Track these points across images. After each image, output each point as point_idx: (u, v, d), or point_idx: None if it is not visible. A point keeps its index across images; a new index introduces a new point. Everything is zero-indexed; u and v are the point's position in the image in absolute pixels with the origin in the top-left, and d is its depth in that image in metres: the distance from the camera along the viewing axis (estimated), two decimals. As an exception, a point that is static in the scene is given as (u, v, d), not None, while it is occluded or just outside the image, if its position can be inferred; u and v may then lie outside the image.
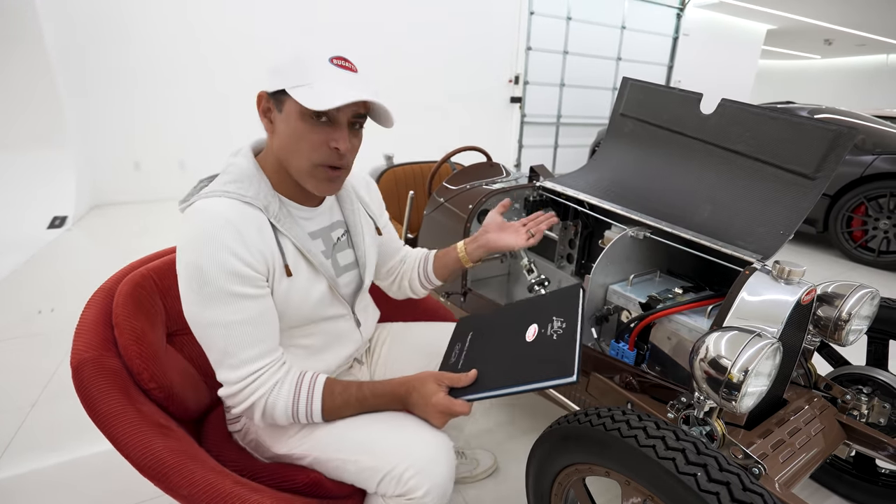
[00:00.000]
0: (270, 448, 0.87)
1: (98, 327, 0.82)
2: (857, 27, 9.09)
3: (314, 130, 0.73)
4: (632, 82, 1.52)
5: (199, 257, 0.68)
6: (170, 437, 0.73)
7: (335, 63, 0.72)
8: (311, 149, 0.74)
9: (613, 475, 0.79)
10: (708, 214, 1.21)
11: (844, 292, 1.04)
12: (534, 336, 0.84)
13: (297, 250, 0.80)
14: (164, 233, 3.77)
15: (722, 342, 0.82)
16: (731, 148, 1.23)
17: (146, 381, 0.80)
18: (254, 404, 0.75)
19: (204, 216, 0.71)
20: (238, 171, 0.77)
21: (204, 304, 0.70)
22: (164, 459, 0.68)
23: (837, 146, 1.04)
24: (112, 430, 0.70)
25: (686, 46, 7.70)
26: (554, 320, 0.84)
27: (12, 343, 2.05)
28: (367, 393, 0.80)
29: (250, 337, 0.73)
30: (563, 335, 0.79)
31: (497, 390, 0.77)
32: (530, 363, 0.79)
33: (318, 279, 0.84)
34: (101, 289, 0.90)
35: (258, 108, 0.77)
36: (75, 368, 0.74)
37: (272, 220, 0.76)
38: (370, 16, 5.28)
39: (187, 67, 4.59)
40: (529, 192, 1.69)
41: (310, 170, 0.76)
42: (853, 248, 3.60)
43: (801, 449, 0.97)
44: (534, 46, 6.36)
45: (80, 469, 1.38)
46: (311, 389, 0.78)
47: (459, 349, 0.93)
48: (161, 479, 0.67)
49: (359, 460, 0.78)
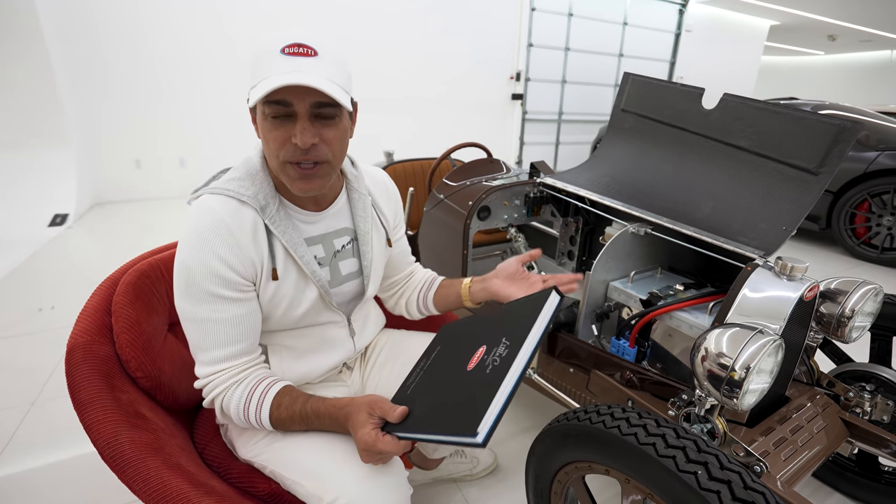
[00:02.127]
0: (238, 450, 0.87)
1: (97, 314, 0.83)
2: (861, 23, 9.02)
3: (275, 127, 0.70)
4: (633, 77, 1.50)
5: (188, 257, 0.71)
6: (140, 428, 0.74)
7: (287, 52, 0.67)
8: (277, 147, 0.70)
9: (613, 473, 0.79)
10: (709, 210, 1.20)
11: (847, 289, 1.03)
12: (476, 363, 0.69)
13: (289, 255, 0.79)
14: (166, 230, 3.78)
15: (723, 339, 0.81)
16: (732, 143, 1.22)
17: (133, 369, 0.82)
18: (213, 399, 0.77)
19: (200, 216, 0.72)
20: (245, 168, 0.78)
21: (188, 300, 0.73)
22: (123, 453, 0.69)
23: (841, 141, 1.02)
24: (85, 416, 0.71)
25: (688, 43, 7.66)
26: (502, 342, 0.68)
27: (13, 340, 2.06)
28: (310, 411, 0.76)
29: (224, 337, 0.74)
30: (497, 367, 0.64)
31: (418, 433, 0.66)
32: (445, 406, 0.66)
33: (308, 286, 0.82)
34: (108, 278, 0.92)
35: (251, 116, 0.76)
36: (68, 352, 0.77)
37: (267, 222, 0.76)
38: (371, 13, 5.26)
39: (189, 65, 4.59)
40: (530, 188, 1.68)
41: (281, 168, 0.73)
42: (856, 244, 3.58)
43: (803, 447, 0.96)
44: (535, 43, 6.33)
45: (80, 466, 1.38)
46: (262, 397, 0.76)
47: (422, 366, 0.82)
48: (119, 471, 0.68)
49: (305, 484, 0.76)
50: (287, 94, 0.67)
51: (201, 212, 0.73)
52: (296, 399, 0.77)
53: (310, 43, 0.68)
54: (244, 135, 4.99)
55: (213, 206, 0.72)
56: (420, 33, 5.64)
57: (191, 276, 0.71)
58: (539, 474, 0.95)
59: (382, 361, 1.04)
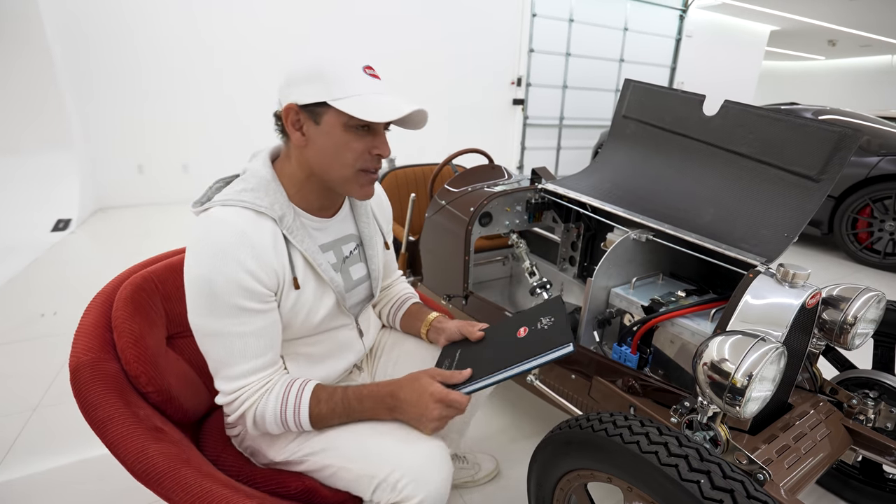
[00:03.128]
0: (266, 454, 0.86)
1: (97, 330, 0.82)
2: (860, 28, 9.04)
3: (358, 139, 0.75)
4: (634, 84, 1.51)
5: (210, 271, 0.69)
6: (164, 441, 0.73)
7: (368, 73, 0.74)
8: (356, 157, 0.76)
9: (616, 481, 0.78)
10: (711, 217, 1.20)
11: (850, 295, 1.03)
12: (525, 333, 0.88)
13: (307, 263, 0.80)
14: (168, 236, 3.79)
15: (725, 346, 0.81)
16: (734, 150, 1.22)
17: (143, 384, 0.80)
18: (244, 413, 0.76)
19: (219, 228, 0.71)
20: (255, 179, 0.77)
21: (210, 316, 0.71)
22: (157, 464, 0.68)
23: (842, 148, 1.03)
24: (107, 434, 0.70)
25: (689, 48, 7.69)
26: (541, 319, 0.89)
27: (15, 346, 2.06)
28: (352, 397, 0.78)
29: (251, 350, 0.74)
30: (553, 325, 0.85)
31: (495, 375, 0.78)
32: (527, 346, 0.82)
33: (326, 292, 0.84)
34: (101, 292, 0.90)
35: (285, 121, 0.75)
36: (73, 371, 0.74)
37: (285, 232, 0.76)
38: (372, 19, 5.29)
39: (191, 70, 4.62)
40: (531, 194, 1.68)
41: (354, 176, 0.78)
42: (858, 249, 3.57)
43: (806, 454, 0.95)
44: (536, 48, 6.36)
45: (81, 472, 1.38)
46: (298, 397, 0.77)
47: (449, 363, 0.91)
48: (155, 484, 0.67)
49: (353, 468, 0.77)
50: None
51: (219, 224, 0.71)
52: (333, 392, 0.78)
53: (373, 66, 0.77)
54: (247, 141, 5.02)
55: (232, 219, 0.72)
56: (421, 39, 5.67)
57: (215, 290, 0.69)
58: (541, 482, 0.95)
59: (387, 359, 1.08)
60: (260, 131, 5.03)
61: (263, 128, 4.59)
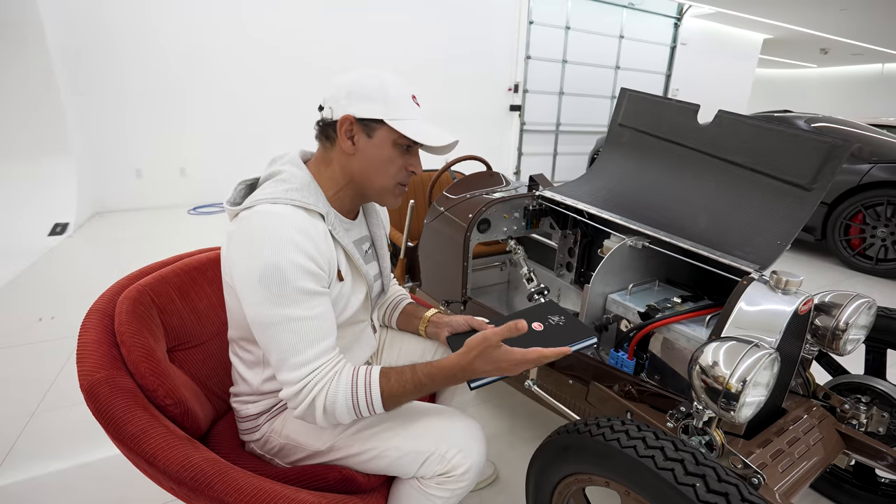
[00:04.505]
0: (307, 445, 0.87)
1: (102, 346, 0.80)
2: (852, 37, 9.17)
3: (402, 156, 0.84)
4: (630, 93, 1.53)
5: (277, 259, 0.71)
6: (200, 449, 0.74)
7: (414, 101, 0.85)
8: (397, 171, 0.85)
9: (613, 485, 0.80)
10: (706, 224, 1.22)
11: (841, 302, 1.05)
12: (542, 328, 0.92)
13: (348, 258, 0.86)
14: (166, 240, 3.78)
15: (720, 352, 0.83)
16: (728, 158, 1.24)
17: (162, 397, 0.79)
18: (314, 400, 0.75)
19: (276, 221, 0.74)
20: (298, 181, 0.81)
21: (279, 304, 0.72)
22: (205, 471, 0.68)
23: (833, 158, 1.05)
24: (144, 448, 0.69)
25: (683, 55, 7.78)
26: (551, 318, 0.95)
27: (12, 351, 2.05)
28: (422, 376, 0.79)
29: (320, 332, 0.75)
30: (567, 321, 0.92)
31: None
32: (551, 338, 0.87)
33: (360, 285, 0.90)
34: (94, 309, 0.89)
35: (340, 129, 0.81)
36: (88, 390, 0.73)
37: (330, 228, 0.81)
38: (369, 25, 5.33)
39: (189, 75, 4.63)
40: (529, 201, 1.70)
41: (393, 188, 0.86)
42: (851, 255, 3.61)
43: (800, 458, 0.97)
44: (533, 55, 6.42)
45: (79, 476, 1.38)
46: (367, 379, 0.78)
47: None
48: (204, 491, 0.67)
49: (400, 446, 0.83)
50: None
51: (275, 218, 0.74)
52: (402, 371, 0.79)
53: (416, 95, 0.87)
54: (245, 145, 5.01)
55: (286, 213, 0.75)
56: (420, 47, 5.71)
57: (283, 276, 0.71)
58: (539, 486, 0.96)
59: (388, 355, 1.14)
60: (260, 136, 5.06)
61: (263, 132, 4.65)
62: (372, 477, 0.88)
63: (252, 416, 0.91)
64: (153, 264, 1.06)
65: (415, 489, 0.85)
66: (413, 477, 0.85)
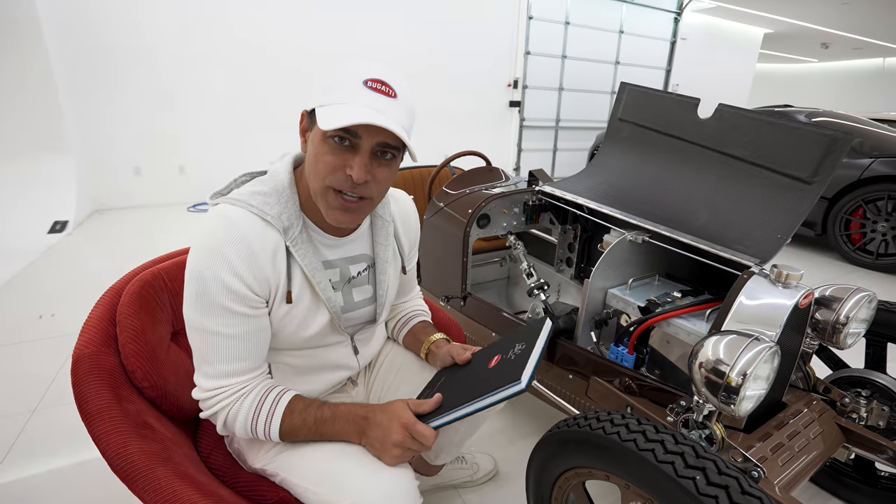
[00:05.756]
0: (247, 460, 0.86)
1: (101, 324, 0.83)
2: (853, 31, 9.14)
3: (333, 152, 0.70)
4: (630, 87, 1.53)
5: (202, 267, 0.69)
6: (148, 438, 0.74)
7: (369, 86, 0.68)
8: (327, 170, 0.70)
9: (613, 479, 0.80)
10: (706, 219, 1.22)
11: (842, 296, 1.05)
12: (496, 361, 0.83)
13: (305, 278, 0.78)
14: (165, 237, 3.78)
15: (720, 346, 0.82)
16: (728, 152, 1.24)
17: (139, 379, 0.82)
18: (216, 413, 0.74)
19: (222, 226, 0.70)
20: (273, 183, 0.76)
21: (197, 310, 0.70)
22: (134, 462, 0.68)
23: (833, 151, 1.05)
24: (93, 427, 0.71)
25: (684, 50, 7.74)
26: (515, 346, 0.84)
27: (12, 348, 2.05)
28: (326, 415, 0.76)
29: (233, 352, 0.72)
30: (520, 355, 0.78)
31: (455, 411, 0.74)
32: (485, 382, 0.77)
33: (321, 310, 0.82)
34: (112, 287, 0.92)
35: (300, 124, 0.76)
36: (74, 363, 0.76)
37: (288, 244, 0.74)
38: (369, 21, 5.30)
39: (188, 72, 4.61)
40: (529, 196, 1.70)
41: (322, 192, 0.72)
42: (851, 250, 3.61)
43: (800, 452, 0.97)
44: (532, 51, 6.39)
45: (80, 474, 1.37)
46: (272, 407, 0.75)
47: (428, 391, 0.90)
48: (129, 481, 0.68)
49: (319, 491, 0.74)
50: (361, 127, 0.67)
51: (222, 221, 0.71)
52: (309, 404, 0.77)
53: (392, 83, 0.70)
54: (244, 143, 4.99)
55: (236, 219, 0.71)
56: (419, 43, 5.68)
57: (203, 286, 0.69)
58: (539, 480, 0.96)
59: (385, 375, 1.05)
60: (258, 133, 5.05)
61: (261, 130, 4.64)
62: None
63: None
64: (178, 250, 1.07)
65: None
66: None
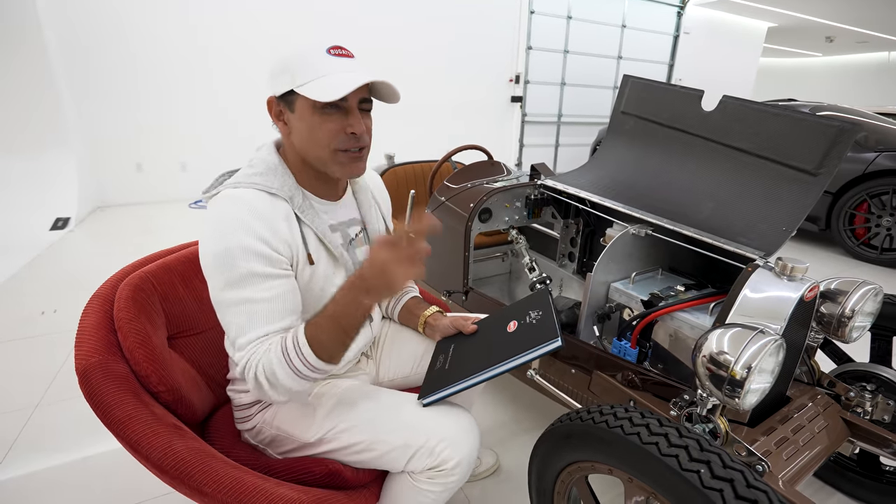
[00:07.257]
0: (295, 436, 0.86)
1: (100, 331, 0.81)
2: (858, 24, 9.05)
3: (329, 120, 0.76)
4: (632, 80, 1.51)
5: (227, 242, 0.71)
6: (186, 437, 0.73)
7: (333, 53, 0.76)
8: (330, 137, 0.77)
9: (616, 473, 0.79)
10: (710, 211, 1.20)
11: (847, 289, 1.04)
12: (514, 328, 0.89)
13: (319, 241, 0.83)
14: (167, 234, 3.78)
15: (724, 339, 0.82)
16: (732, 145, 1.23)
17: (155, 384, 0.80)
18: (256, 376, 0.72)
19: (232, 204, 0.74)
20: (263, 165, 0.80)
21: (229, 286, 0.72)
22: (185, 459, 0.68)
23: (839, 142, 1.03)
24: (128, 433, 0.69)
25: (687, 45, 7.68)
26: (530, 313, 0.90)
27: (15, 344, 2.06)
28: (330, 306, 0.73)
29: (271, 313, 0.74)
30: (541, 318, 0.86)
31: (490, 370, 0.80)
32: (517, 342, 0.83)
33: (338, 270, 0.86)
34: (96, 294, 0.89)
35: (270, 113, 0.80)
36: (82, 374, 0.73)
37: (296, 211, 0.79)
38: (370, 16, 5.28)
39: (189, 69, 4.60)
40: (531, 190, 1.69)
41: (332, 157, 0.79)
42: (856, 245, 3.59)
43: (804, 446, 0.96)
44: (534, 46, 6.35)
45: (83, 469, 1.38)
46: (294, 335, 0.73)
47: (443, 359, 0.94)
48: (183, 479, 0.67)
49: (388, 440, 0.80)
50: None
51: (232, 201, 0.74)
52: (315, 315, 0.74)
53: (346, 46, 0.78)
54: (246, 139, 4.99)
55: (244, 196, 0.74)
56: (421, 38, 5.65)
57: (232, 259, 0.71)
58: (542, 474, 0.95)
59: (389, 350, 1.11)
60: (260, 128, 5.02)
61: (261, 126, 4.57)
62: (361, 473, 0.86)
63: (245, 405, 0.91)
64: (158, 252, 1.06)
65: (406, 484, 0.83)
66: (403, 471, 0.83)
